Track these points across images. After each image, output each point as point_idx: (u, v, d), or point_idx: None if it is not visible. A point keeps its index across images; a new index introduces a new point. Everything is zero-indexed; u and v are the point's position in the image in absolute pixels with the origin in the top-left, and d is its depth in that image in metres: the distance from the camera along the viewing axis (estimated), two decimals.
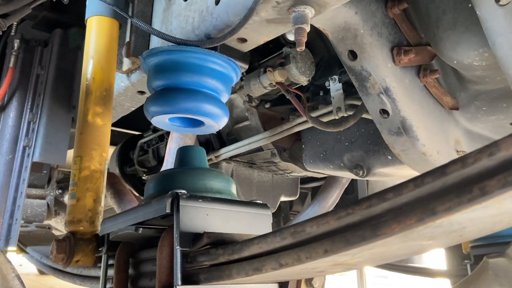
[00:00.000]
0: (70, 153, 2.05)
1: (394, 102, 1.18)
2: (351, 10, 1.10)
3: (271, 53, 1.80)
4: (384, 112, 1.22)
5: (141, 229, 0.97)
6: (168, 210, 0.91)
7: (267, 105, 2.00)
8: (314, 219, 0.66)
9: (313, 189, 3.36)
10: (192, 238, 0.91)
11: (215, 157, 2.21)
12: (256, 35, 1.19)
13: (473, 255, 2.43)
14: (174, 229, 0.90)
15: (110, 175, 2.99)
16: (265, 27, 1.15)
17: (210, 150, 2.32)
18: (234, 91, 2.02)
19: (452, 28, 1.06)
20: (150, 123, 3.16)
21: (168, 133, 2.89)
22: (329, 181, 2.67)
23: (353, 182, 2.92)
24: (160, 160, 3.03)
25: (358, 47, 1.14)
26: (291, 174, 2.30)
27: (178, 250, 0.88)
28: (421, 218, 0.52)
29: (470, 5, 1.00)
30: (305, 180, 3.06)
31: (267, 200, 2.52)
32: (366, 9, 1.12)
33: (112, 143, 3.75)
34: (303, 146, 1.99)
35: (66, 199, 3.23)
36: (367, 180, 3.05)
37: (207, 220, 0.96)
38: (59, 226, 2.68)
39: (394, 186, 0.56)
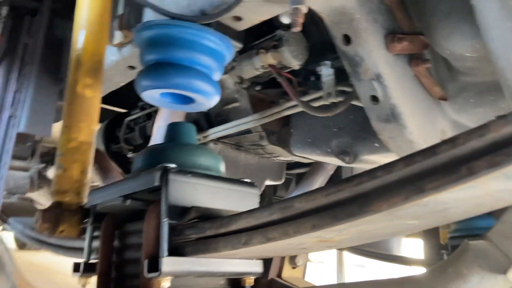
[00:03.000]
0: (56, 126, 2.03)
1: (385, 89, 1.19)
2: None
3: (264, 35, 1.79)
4: (374, 98, 1.23)
5: (129, 200, 0.97)
6: (157, 183, 0.91)
7: (258, 88, 1.99)
8: (303, 196, 0.68)
9: (298, 175, 3.39)
10: (180, 212, 0.92)
11: (203, 137, 2.20)
12: (252, 14, 1.19)
13: (451, 246, 2.50)
14: (162, 202, 0.90)
15: (96, 151, 2.97)
16: (262, 6, 1.14)
17: (198, 130, 2.31)
18: (225, 72, 2.01)
19: (446, 17, 1.07)
20: (137, 101, 3.13)
21: (156, 111, 2.86)
22: (315, 167, 2.70)
23: (338, 170, 2.96)
24: (147, 138, 3.01)
25: (353, 32, 1.15)
26: (277, 158, 2.32)
27: (165, 223, 0.89)
28: (408, 196, 0.53)
29: None
30: (290, 166, 3.08)
31: None
32: None
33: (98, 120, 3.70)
34: (292, 130, 2.00)
35: (49, 173, 3.20)
36: (351, 168, 3.09)
37: (195, 195, 0.96)
38: (41, 199, 2.65)
39: (384, 164, 0.58)
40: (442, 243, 2.84)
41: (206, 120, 2.36)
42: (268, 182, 2.65)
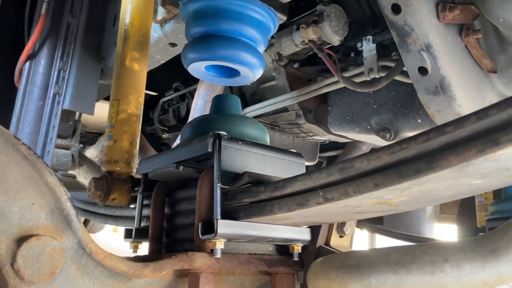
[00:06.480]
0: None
1: (434, 59, 1.17)
2: None
3: (303, 11, 1.77)
4: (422, 70, 1.21)
5: (182, 167, 0.99)
6: (209, 149, 0.93)
7: (296, 65, 1.99)
8: (364, 155, 0.68)
9: (329, 158, 3.37)
10: (231, 178, 0.94)
11: None
12: None
13: (489, 228, 2.46)
14: (215, 167, 0.92)
15: None
16: None
17: None
18: None
19: None
20: (169, 84, 3.15)
21: (190, 92, 2.90)
22: (349, 148, 2.68)
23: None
24: (180, 119, 3.06)
25: (403, 0, 1.13)
26: (313, 137, 2.31)
27: (218, 187, 0.91)
28: (482, 149, 0.53)
29: None
30: (321, 149, 3.07)
31: None
32: None
33: None
34: (329, 108, 1.99)
35: (86, 152, 3.30)
36: None
37: (246, 162, 0.98)
38: (81, 178, 2.75)
39: (453, 120, 0.57)
40: (479, 226, 2.79)
41: (242, 100, 2.37)
42: None
